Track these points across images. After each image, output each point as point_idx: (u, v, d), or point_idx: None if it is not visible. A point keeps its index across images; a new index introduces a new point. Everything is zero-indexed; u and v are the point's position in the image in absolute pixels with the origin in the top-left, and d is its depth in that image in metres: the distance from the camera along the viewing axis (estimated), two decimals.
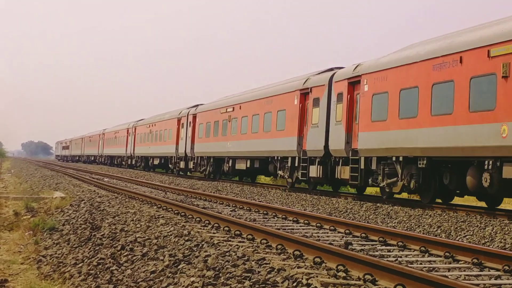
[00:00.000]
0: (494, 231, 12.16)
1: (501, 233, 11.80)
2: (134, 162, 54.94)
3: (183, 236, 9.41)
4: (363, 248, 9.37)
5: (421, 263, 8.22)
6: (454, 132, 15.67)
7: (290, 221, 13.06)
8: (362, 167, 19.64)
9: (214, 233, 10.30)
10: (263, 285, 6.17)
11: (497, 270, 7.70)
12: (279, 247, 8.52)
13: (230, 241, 9.28)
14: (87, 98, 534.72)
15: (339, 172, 21.23)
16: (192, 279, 6.65)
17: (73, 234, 11.24)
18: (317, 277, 6.51)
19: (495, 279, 7.26)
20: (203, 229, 10.81)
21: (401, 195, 21.54)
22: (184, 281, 6.68)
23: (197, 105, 39.60)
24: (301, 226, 12.27)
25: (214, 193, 21.42)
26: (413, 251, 9.19)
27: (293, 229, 11.50)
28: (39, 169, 47.94)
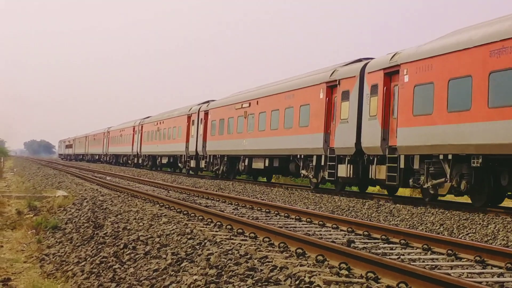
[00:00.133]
0: (496, 228, 12.15)
1: (504, 231, 11.79)
2: (141, 161, 53.45)
3: (186, 234, 9.42)
4: (365, 246, 9.37)
5: (423, 261, 8.22)
6: None
7: (292, 219, 13.06)
8: (401, 166, 17.78)
9: (216, 231, 10.31)
10: (266, 283, 6.18)
11: (500, 267, 7.70)
12: (282, 245, 8.53)
13: (232, 239, 9.29)
14: (89, 97, 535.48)
15: (373, 171, 19.35)
16: (194, 277, 6.66)
17: (75, 232, 11.26)
18: (319, 275, 6.52)
19: (498, 277, 7.26)
20: (206, 227, 10.83)
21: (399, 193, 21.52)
22: (186, 280, 6.69)
23: (208, 101, 38.05)
24: (303, 224, 12.27)
25: (216, 191, 21.42)
26: (416, 249, 9.19)
27: (295, 227, 11.50)
28: (42, 168, 47.99)
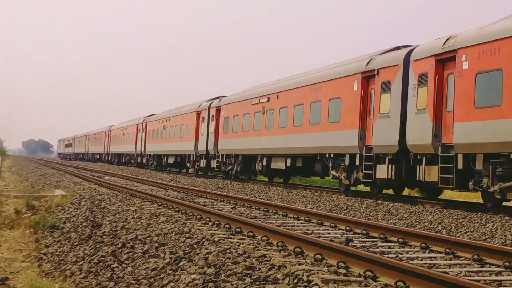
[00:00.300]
0: (494, 227, 12.17)
1: (502, 229, 11.80)
2: (145, 160, 50.97)
3: (184, 233, 9.42)
4: (363, 244, 9.38)
5: (421, 260, 8.22)
6: None
7: (290, 218, 13.07)
8: (459, 166, 15.48)
9: (215, 230, 10.31)
10: (264, 282, 6.18)
11: (498, 266, 7.72)
12: (280, 244, 8.53)
13: (230, 238, 9.29)
14: (88, 97, 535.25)
15: (422, 172, 16.95)
16: (193, 276, 6.66)
17: (74, 232, 11.25)
18: (318, 273, 6.52)
19: (496, 275, 7.27)
20: (204, 226, 10.83)
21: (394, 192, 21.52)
22: (185, 279, 6.69)
23: (219, 97, 35.98)
24: (301, 223, 12.27)
25: (214, 190, 21.42)
26: (414, 248, 9.20)
27: (293, 226, 11.51)
28: (40, 167, 47.95)
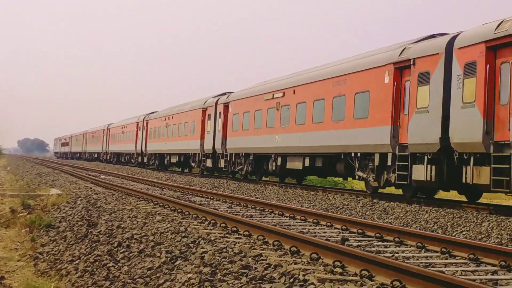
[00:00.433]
0: (490, 226, 12.19)
1: (498, 229, 11.83)
2: (146, 160, 48.88)
3: (180, 232, 9.41)
4: (359, 244, 9.38)
5: (417, 259, 8.23)
6: None
7: (287, 217, 13.06)
8: None
9: (211, 229, 10.30)
10: (260, 281, 6.18)
11: (494, 265, 7.72)
12: (276, 243, 8.53)
13: (227, 237, 9.28)
14: (84, 97, 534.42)
15: (469, 174, 15.18)
16: (189, 275, 6.66)
17: (69, 231, 11.23)
18: (313, 273, 6.52)
19: (492, 275, 7.28)
20: (200, 225, 10.82)
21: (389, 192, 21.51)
22: (181, 278, 6.69)
23: (226, 93, 34.24)
24: (297, 222, 12.27)
25: (210, 189, 21.41)
26: (410, 247, 9.20)
27: (289, 226, 11.50)
28: (35, 166, 47.85)
